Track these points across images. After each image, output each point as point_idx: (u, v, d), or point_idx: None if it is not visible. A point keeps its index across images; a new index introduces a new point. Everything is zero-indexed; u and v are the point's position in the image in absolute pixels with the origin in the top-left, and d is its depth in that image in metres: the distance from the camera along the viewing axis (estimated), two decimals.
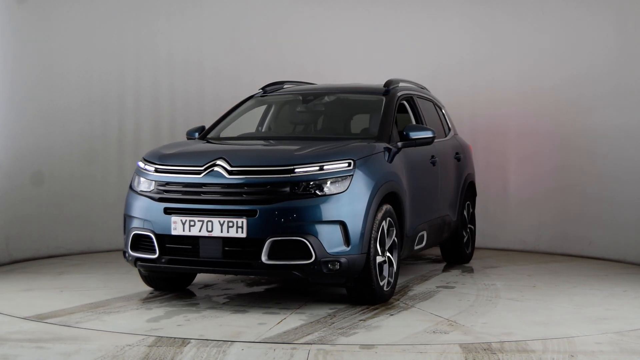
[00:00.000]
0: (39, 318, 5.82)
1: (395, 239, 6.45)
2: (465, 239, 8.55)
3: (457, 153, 8.37)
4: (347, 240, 5.87)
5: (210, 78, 9.99)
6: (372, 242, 6.04)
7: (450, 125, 8.62)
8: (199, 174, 6.03)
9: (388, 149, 6.60)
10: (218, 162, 6.01)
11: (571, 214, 9.36)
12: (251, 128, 7.87)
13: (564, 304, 6.47)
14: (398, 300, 6.54)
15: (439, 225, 7.65)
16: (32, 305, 6.31)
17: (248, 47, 10.08)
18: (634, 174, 8.69)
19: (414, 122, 7.60)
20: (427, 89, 8.52)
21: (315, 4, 10.24)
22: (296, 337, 5.22)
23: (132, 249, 6.25)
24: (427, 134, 6.89)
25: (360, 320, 5.78)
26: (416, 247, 7.10)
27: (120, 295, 6.70)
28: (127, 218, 6.31)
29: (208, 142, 7.14)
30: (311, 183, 5.87)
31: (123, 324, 5.64)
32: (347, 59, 10.11)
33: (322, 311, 6.06)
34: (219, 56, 10.02)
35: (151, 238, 6.07)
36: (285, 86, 8.03)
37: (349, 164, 6.01)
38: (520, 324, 5.73)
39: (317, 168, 5.93)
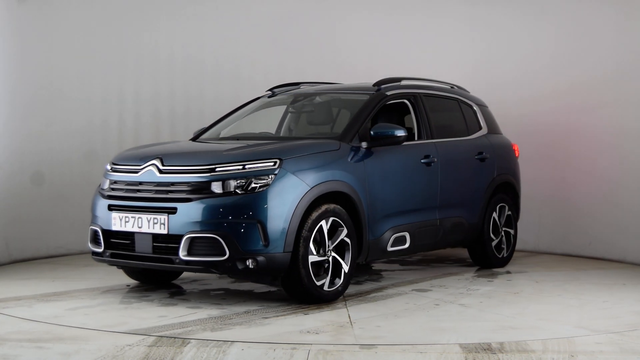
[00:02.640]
0: None
1: (347, 240, 6.41)
2: (495, 243, 8.22)
3: (480, 152, 8.07)
4: (265, 238, 5.91)
5: (211, 78, 9.97)
6: (302, 241, 6.05)
7: (482, 124, 8.33)
8: (137, 172, 6.31)
9: (355, 148, 6.61)
10: (154, 161, 6.26)
11: (571, 214, 9.36)
12: (254, 128, 7.87)
13: (505, 313, 6.11)
14: (345, 300, 6.47)
15: (438, 228, 7.49)
16: None
17: (249, 47, 10.07)
18: (634, 174, 8.68)
19: (414, 121, 7.49)
20: (457, 87, 8.41)
21: (316, 2, 10.24)
22: (163, 330, 5.37)
23: (90, 243, 6.62)
24: (395, 133, 6.75)
25: (264, 317, 5.80)
26: (392, 249, 6.95)
27: (90, 287, 7.06)
28: (92, 215, 6.66)
29: (194, 142, 7.28)
30: (231, 181, 5.97)
31: (41, 312, 6.00)
32: (348, 58, 10.09)
33: (242, 309, 6.11)
34: (220, 57, 10.00)
35: (98, 233, 6.42)
36: (301, 86, 8.07)
37: (274, 163, 6.06)
38: (411, 329, 5.51)
39: (240, 167, 6.03)
